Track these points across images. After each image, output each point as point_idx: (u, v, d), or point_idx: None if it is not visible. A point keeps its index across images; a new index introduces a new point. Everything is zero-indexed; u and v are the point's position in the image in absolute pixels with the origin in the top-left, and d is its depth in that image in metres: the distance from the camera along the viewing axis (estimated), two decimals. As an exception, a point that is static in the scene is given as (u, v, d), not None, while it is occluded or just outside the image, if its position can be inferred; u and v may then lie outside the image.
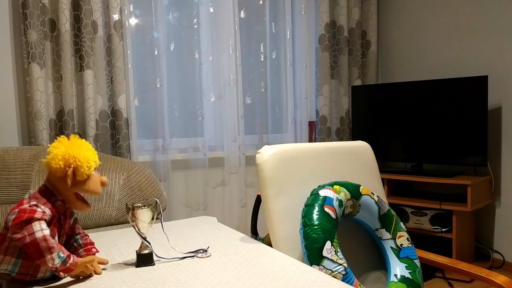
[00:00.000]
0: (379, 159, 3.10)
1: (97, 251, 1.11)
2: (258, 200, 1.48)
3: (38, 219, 0.92)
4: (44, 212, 0.94)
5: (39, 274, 0.98)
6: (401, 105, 2.98)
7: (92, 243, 1.11)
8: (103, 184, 1.06)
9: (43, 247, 0.90)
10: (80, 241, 1.09)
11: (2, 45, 2.28)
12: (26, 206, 0.93)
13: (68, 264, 0.94)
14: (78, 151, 1.00)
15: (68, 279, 1.01)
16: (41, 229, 0.91)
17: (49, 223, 0.97)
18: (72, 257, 0.95)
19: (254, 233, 1.49)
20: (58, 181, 0.99)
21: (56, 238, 1.00)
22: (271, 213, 1.36)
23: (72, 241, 1.08)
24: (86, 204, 1.05)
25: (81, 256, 1.06)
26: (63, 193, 1.01)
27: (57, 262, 0.92)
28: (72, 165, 0.98)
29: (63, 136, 1.05)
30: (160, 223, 1.48)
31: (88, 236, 1.12)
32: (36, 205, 0.94)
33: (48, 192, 1.00)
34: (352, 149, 1.65)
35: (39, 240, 0.90)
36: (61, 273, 1.00)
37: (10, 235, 0.92)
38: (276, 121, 3.19)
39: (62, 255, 0.93)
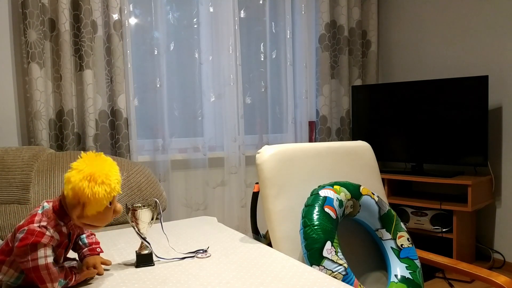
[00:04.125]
0: (380, 159, 3.09)
1: (102, 251, 1.09)
2: (255, 197, 1.46)
3: (44, 245, 0.89)
4: (52, 237, 0.91)
5: None
6: (401, 105, 2.97)
7: (97, 243, 1.09)
8: (116, 213, 0.99)
9: (44, 275, 0.89)
10: (86, 240, 1.07)
11: (2, 44, 2.27)
12: (36, 226, 0.89)
13: (69, 285, 0.94)
14: (94, 185, 0.91)
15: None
16: (44, 256, 0.89)
17: (58, 244, 0.95)
18: (74, 277, 0.95)
19: (255, 232, 1.48)
20: (71, 206, 0.93)
21: (64, 254, 1.00)
22: (271, 213, 1.36)
23: (77, 239, 1.07)
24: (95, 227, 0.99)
25: (85, 256, 1.05)
26: (71, 216, 0.96)
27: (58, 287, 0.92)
28: (82, 201, 0.91)
29: (89, 156, 0.95)
30: (160, 223, 1.48)
31: (95, 235, 1.10)
32: (46, 227, 0.90)
33: (62, 211, 0.95)
34: (352, 149, 1.65)
35: (41, 267, 0.88)
36: None
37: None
38: (276, 121, 3.19)
39: (63, 281, 0.93)
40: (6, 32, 2.28)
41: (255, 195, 1.46)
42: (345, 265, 1.20)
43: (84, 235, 1.08)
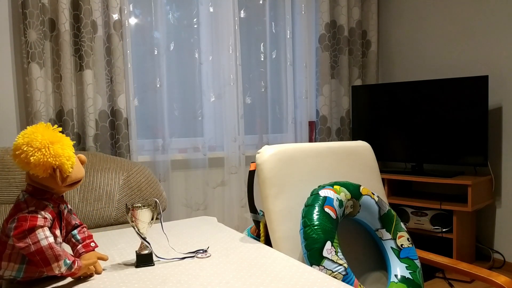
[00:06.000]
0: (380, 159, 3.09)
1: (96, 246, 1.09)
2: (251, 175, 1.46)
3: (41, 227, 0.90)
4: (45, 218, 0.92)
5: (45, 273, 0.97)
6: (401, 105, 2.97)
7: (90, 237, 1.09)
8: (83, 162, 1.05)
9: (49, 255, 0.89)
10: (78, 236, 1.07)
11: (2, 44, 2.27)
12: (25, 212, 0.90)
13: (73, 270, 0.94)
14: (57, 149, 0.94)
15: (68, 279, 1.00)
16: (45, 237, 0.90)
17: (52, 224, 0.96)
18: (76, 262, 0.95)
19: (253, 211, 1.47)
20: (46, 181, 0.95)
21: (59, 238, 1.00)
22: (271, 213, 1.36)
23: (69, 236, 1.07)
24: (76, 183, 1.03)
25: (80, 253, 1.05)
26: (55, 190, 0.99)
27: (64, 269, 0.92)
28: (57, 168, 0.94)
29: (32, 129, 0.96)
30: (160, 223, 1.48)
31: (86, 227, 1.11)
32: (36, 211, 0.91)
33: (40, 192, 0.97)
34: (352, 149, 1.65)
35: (45, 248, 0.89)
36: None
37: (12, 243, 0.91)
38: (276, 121, 3.19)
39: (68, 261, 0.93)
40: (6, 32, 2.28)
41: (252, 173, 1.45)
42: (345, 265, 1.20)
43: (75, 231, 1.08)
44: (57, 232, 0.99)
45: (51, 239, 0.91)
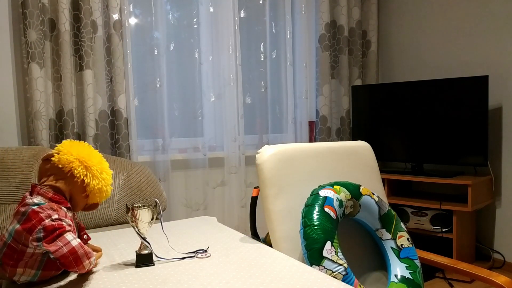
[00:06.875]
0: (380, 159, 3.09)
1: (89, 238, 1.13)
2: (254, 201, 1.47)
3: (69, 230, 0.94)
4: (70, 225, 0.96)
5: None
6: (401, 105, 2.97)
7: (83, 228, 1.13)
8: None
9: (81, 254, 0.93)
10: None
11: (2, 44, 2.27)
12: (48, 221, 0.92)
13: (93, 264, 0.98)
14: (107, 186, 1.09)
15: (67, 279, 1.00)
16: (74, 238, 0.94)
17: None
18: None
19: (255, 236, 1.48)
20: (82, 199, 1.06)
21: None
22: (271, 213, 1.36)
23: None
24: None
25: None
26: (77, 207, 1.08)
27: (93, 264, 0.97)
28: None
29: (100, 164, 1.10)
30: (160, 223, 1.48)
31: (77, 216, 1.13)
32: (60, 219, 0.94)
33: (65, 200, 1.01)
34: (352, 149, 1.65)
35: (76, 248, 0.92)
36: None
37: (32, 251, 0.93)
38: (276, 121, 3.19)
39: (93, 258, 0.98)
40: (6, 32, 2.28)
41: (254, 200, 1.46)
42: (345, 265, 1.20)
43: None
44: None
45: (79, 240, 0.95)
